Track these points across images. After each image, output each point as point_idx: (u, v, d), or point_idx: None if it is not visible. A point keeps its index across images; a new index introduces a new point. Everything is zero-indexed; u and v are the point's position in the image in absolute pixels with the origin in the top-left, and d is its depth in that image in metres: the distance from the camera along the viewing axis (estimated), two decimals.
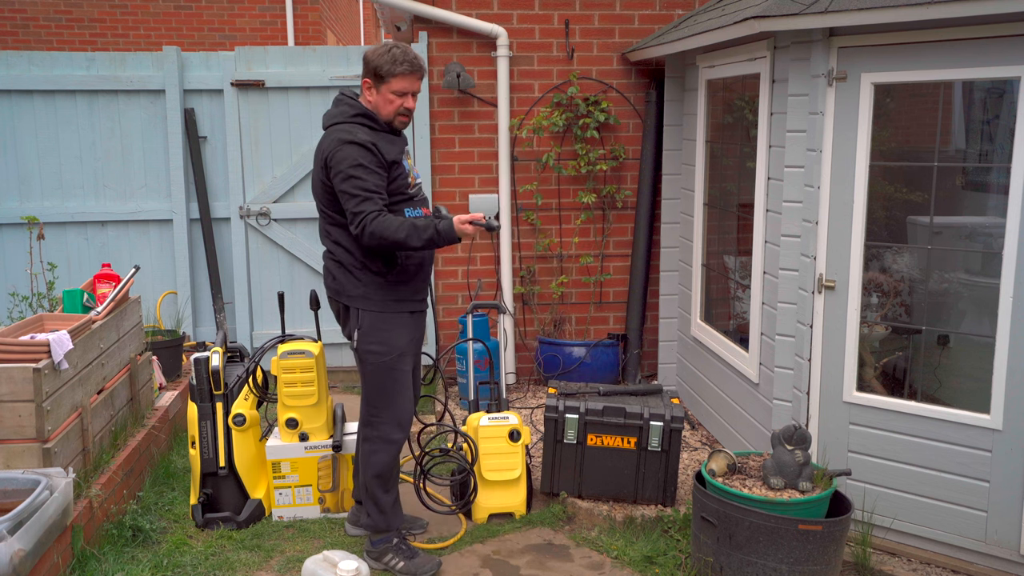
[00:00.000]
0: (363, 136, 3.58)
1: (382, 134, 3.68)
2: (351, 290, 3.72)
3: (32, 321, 4.13)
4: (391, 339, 3.74)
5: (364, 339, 3.73)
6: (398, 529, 3.88)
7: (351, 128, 3.62)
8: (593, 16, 6.03)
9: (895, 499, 3.91)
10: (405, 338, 3.78)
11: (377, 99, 3.67)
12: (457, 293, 6.28)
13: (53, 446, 3.65)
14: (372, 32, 19.63)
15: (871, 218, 3.91)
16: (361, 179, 3.53)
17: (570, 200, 6.20)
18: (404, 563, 3.81)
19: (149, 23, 11.09)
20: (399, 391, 3.79)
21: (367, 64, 3.67)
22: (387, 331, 3.74)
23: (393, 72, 3.61)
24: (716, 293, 5.52)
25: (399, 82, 3.63)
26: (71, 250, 6.28)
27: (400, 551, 3.83)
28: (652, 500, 4.33)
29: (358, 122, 3.65)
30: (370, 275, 3.69)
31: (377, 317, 3.72)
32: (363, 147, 3.55)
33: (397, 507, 3.89)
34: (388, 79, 3.62)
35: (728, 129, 5.30)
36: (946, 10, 3.33)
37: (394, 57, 3.62)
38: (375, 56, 3.65)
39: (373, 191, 3.53)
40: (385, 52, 3.64)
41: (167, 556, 3.89)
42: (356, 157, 3.54)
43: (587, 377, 5.92)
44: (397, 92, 3.65)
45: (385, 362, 3.74)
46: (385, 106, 3.67)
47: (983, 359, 3.66)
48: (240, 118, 6.22)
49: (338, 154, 3.56)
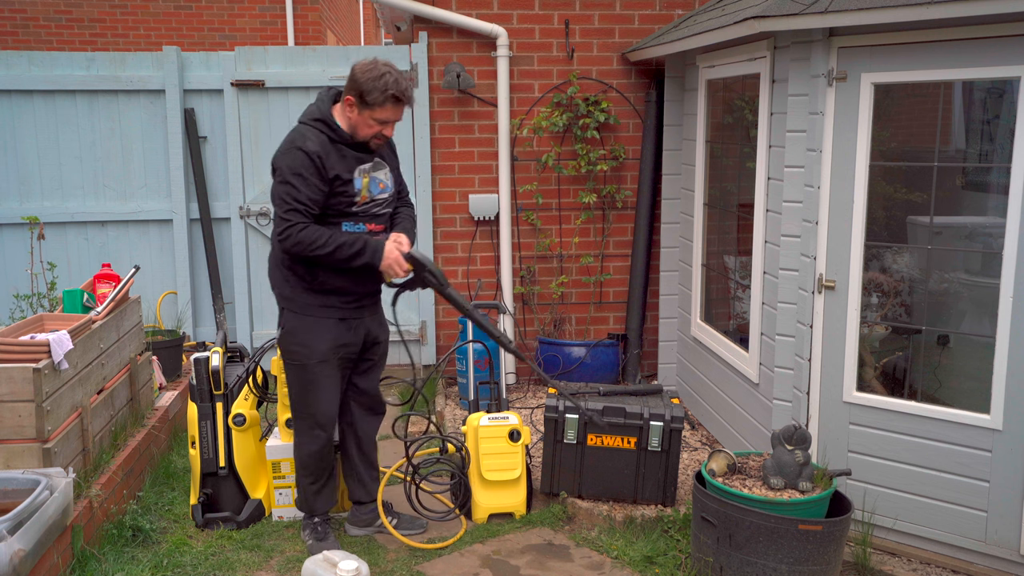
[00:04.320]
0: (311, 145, 3.55)
1: (338, 145, 3.61)
2: (280, 288, 3.80)
3: (32, 321, 4.12)
4: (312, 342, 3.76)
5: (285, 339, 3.81)
6: (324, 513, 4.04)
7: (306, 132, 3.61)
8: (593, 16, 6.03)
9: (895, 499, 3.91)
10: (328, 343, 3.76)
11: (357, 119, 3.60)
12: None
13: (53, 446, 3.65)
14: (372, 32, 19.63)
15: (871, 218, 3.91)
16: (295, 188, 3.53)
17: (570, 200, 6.20)
18: (312, 542, 3.98)
19: (149, 23, 11.09)
20: (318, 394, 3.82)
21: (354, 82, 3.55)
22: (308, 334, 3.76)
23: (380, 102, 3.53)
24: (716, 293, 5.52)
25: (384, 112, 3.57)
26: (71, 250, 6.28)
27: (315, 531, 4.01)
28: (652, 500, 4.33)
29: (316, 127, 3.61)
30: (295, 277, 3.72)
31: (299, 320, 3.76)
32: (307, 156, 3.53)
33: (321, 496, 4.01)
34: (374, 107, 3.54)
35: (728, 129, 5.30)
36: (946, 10, 3.33)
37: (385, 86, 3.50)
38: (364, 78, 3.53)
39: (304, 203, 3.54)
40: (376, 77, 3.51)
41: (167, 556, 3.89)
42: (297, 166, 3.53)
43: (587, 377, 5.91)
44: (379, 120, 3.58)
45: (305, 364, 3.78)
46: (363, 128, 3.61)
47: (983, 359, 3.66)
48: (240, 118, 6.22)
49: (282, 157, 3.57)
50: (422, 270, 3.67)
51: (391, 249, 3.62)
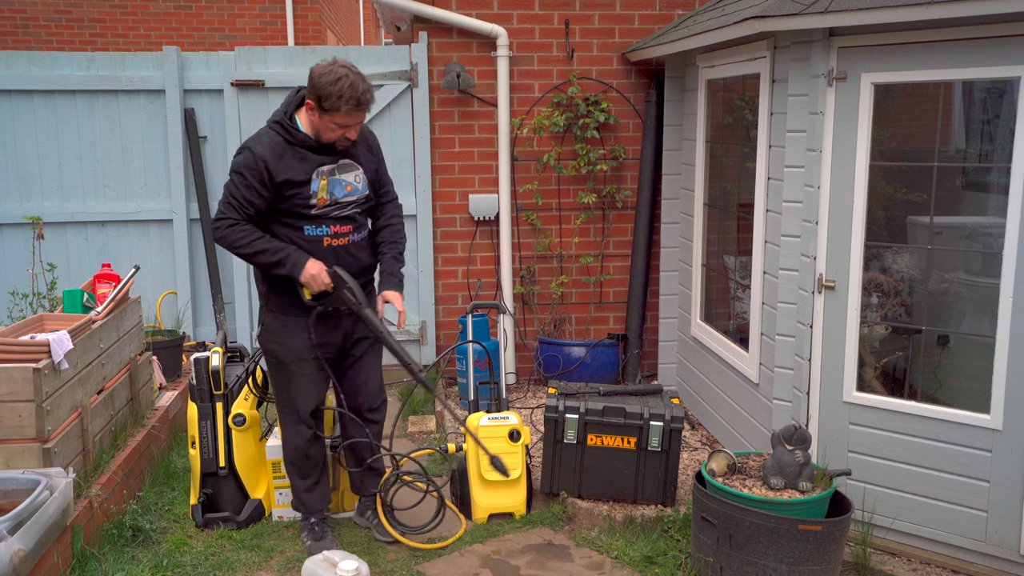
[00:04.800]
0: (260, 149, 3.57)
1: (295, 148, 3.61)
2: (259, 286, 3.86)
3: (32, 321, 4.13)
4: (288, 341, 3.80)
5: (263, 336, 3.88)
6: (320, 511, 4.05)
7: (262, 134, 3.65)
8: (593, 16, 6.03)
9: (895, 499, 3.91)
10: (303, 342, 3.79)
11: (318, 123, 3.59)
12: (457, 293, 6.28)
13: (53, 446, 3.65)
14: (372, 32, 19.63)
15: (871, 218, 3.91)
16: (235, 186, 3.61)
17: (570, 200, 6.20)
18: (311, 542, 3.99)
19: (149, 23, 11.09)
20: (298, 392, 3.86)
21: (312, 86, 3.51)
22: (283, 332, 3.80)
23: (337, 108, 3.50)
24: (716, 293, 5.52)
25: (341, 118, 3.54)
26: (71, 250, 6.27)
27: (312, 531, 4.03)
28: (652, 500, 4.33)
29: (272, 129, 3.64)
30: (269, 278, 3.77)
31: (275, 318, 3.81)
32: (253, 158, 3.56)
33: (313, 494, 4.02)
34: (331, 112, 3.52)
35: (728, 129, 5.30)
36: (946, 10, 3.33)
37: (340, 92, 3.46)
38: (321, 83, 3.48)
39: (239, 200, 3.60)
40: (332, 82, 3.47)
41: (167, 556, 3.89)
42: (240, 166, 3.59)
43: (587, 377, 5.91)
44: (339, 124, 3.57)
45: (282, 362, 3.83)
46: (326, 132, 3.60)
47: (983, 359, 3.66)
48: (240, 118, 6.21)
49: (236, 155, 3.64)
50: (342, 286, 3.68)
51: (312, 264, 3.64)
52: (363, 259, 3.85)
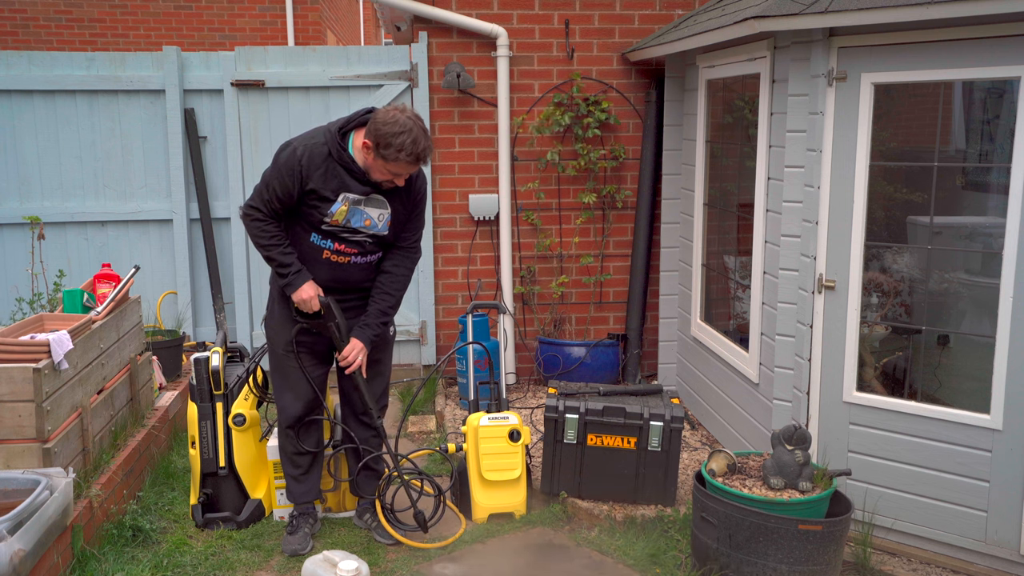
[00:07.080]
0: (304, 153, 3.62)
1: (335, 165, 3.64)
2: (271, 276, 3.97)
3: (32, 321, 4.13)
4: (277, 333, 3.96)
5: (266, 320, 4.05)
6: (305, 504, 4.12)
7: (311, 138, 3.68)
8: (593, 16, 6.03)
9: (895, 499, 3.91)
10: (288, 335, 3.90)
11: (372, 163, 3.63)
12: (457, 293, 6.28)
13: (53, 446, 3.65)
14: (372, 32, 19.63)
15: (871, 218, 3.91)
16: (269, 181, 3.68)
17: (570, 200, 6.20)
18: (285, 535, 4.07)
19: (149, 23, 11.09)
20: (288, 384, 3.98)
21: (373, 128, 3.56)
22: (275, 320, 3.97)
23: (395, 158, 3.55)
24: (716, 293, 5.52)
25: (396, 167, 3.60)
26: (71, 250, 6.27)
27: (290, 524, 4.11)
28: (652, 500, 4.33)
29: (326, 141, 3.65)
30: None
31: (271, 307, 3.98)
32: (296, 159, 3.61)
33: (301, 485, 4.09)
34: (388, 160, 3.57)
35: (728, 129, 5.30)
36: (946, 10, 3.33)
37: (401, 145, 3.51)
38: (384, 130, 3.52)
39: (270, 195, 3.67)
40: (395, 134, 3.51)
41: (167, 556, 3.89)
42: (281, 166, 3.65)
43: (587, 377, 5.91)
44: (392, 171, 3.62)
45: (275, 351, 3.99)
46: (376, 172, 3.65)
47: (983, 359, 3.66)
48: (240, 118, 6.21)
49: (283, 149, 3.69)
50: (330, 319, 3.82)
51: (307, 289, 3.75)
52: (360, 279, 3.89)
